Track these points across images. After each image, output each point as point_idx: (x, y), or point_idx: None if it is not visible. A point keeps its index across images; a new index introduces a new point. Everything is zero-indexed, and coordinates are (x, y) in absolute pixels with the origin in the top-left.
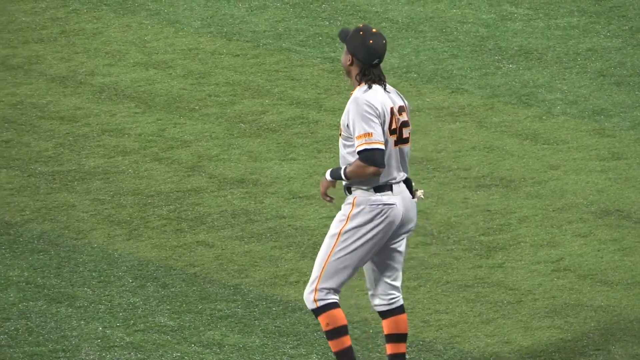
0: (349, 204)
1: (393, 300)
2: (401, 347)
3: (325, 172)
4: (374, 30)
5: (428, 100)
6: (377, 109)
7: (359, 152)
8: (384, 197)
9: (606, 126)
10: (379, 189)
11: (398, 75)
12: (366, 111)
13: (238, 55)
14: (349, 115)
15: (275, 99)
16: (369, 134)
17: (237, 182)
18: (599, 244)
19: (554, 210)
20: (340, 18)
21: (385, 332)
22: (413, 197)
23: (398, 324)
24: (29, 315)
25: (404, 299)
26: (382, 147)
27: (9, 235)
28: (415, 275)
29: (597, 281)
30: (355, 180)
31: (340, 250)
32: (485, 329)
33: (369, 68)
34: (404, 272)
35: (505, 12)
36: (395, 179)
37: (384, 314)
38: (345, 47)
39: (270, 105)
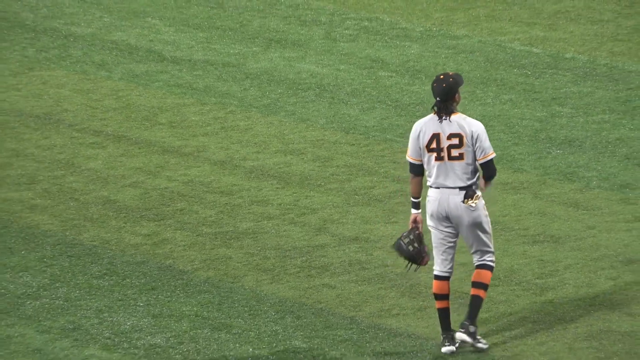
0: None
1: (474, 260)
2: (480, 292)
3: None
4: (437, 76)
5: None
6: (415, 131)
7: None
8: (428, 193)
9: (630, 196)
10: (429, 189)
11: None
12: (411, 133)
13: (353, 145)
14: None
15: (381, 177)
16: (407, 150)
17: (353, 240)
18: (625, 285)
19: (591, 260)
20: None
21: (472, 280)
22: (463, 202)
23: (480, 275)
24: (197, 339)
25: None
26: (412, 160)
27: (183, 279)
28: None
29: (623, 313)
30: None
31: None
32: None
33: (436, 103)
34: (483, 251)
35: (554, 111)
36: (435, 184)
37: (475, 267)
38: None
39: (378, 181)
